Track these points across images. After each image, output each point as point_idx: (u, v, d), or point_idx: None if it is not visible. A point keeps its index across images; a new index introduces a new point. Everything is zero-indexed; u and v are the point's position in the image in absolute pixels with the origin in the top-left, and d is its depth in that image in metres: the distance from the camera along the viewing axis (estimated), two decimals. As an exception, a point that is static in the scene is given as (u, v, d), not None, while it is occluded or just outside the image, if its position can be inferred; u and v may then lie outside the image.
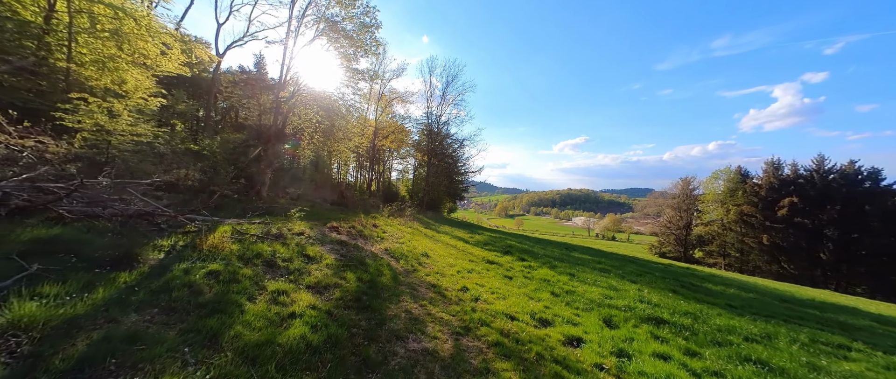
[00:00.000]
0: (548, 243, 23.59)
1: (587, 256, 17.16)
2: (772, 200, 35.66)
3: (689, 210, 48.90)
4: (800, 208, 33.28)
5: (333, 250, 7.01)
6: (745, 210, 37.33)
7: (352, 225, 11.65)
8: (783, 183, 35.80)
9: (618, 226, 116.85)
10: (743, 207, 37.68)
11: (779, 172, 36.81)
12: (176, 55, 14.22)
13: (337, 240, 8.36)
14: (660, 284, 10.41)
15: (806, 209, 33.06)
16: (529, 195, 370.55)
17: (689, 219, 48.22)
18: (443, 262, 9.28)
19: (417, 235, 14.96)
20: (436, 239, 15.20)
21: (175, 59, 14.15)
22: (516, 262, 11.31)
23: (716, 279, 13.95)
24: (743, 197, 38.53)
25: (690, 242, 48.32)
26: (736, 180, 41.09)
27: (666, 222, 50.41)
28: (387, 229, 13.67)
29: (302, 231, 7.86)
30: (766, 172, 38.09)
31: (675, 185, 52.08)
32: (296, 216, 8.77)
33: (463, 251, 12.40)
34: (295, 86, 18.70)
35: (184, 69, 14.96)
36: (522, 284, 7.81)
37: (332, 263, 5.85)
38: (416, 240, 12.59)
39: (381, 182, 45.26)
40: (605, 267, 12.93)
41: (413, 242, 11.69)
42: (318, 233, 8.67)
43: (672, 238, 50.39)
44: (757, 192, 37.71)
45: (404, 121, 40.42)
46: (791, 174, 36.56)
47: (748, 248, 37.60)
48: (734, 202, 39.23)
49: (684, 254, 47.65)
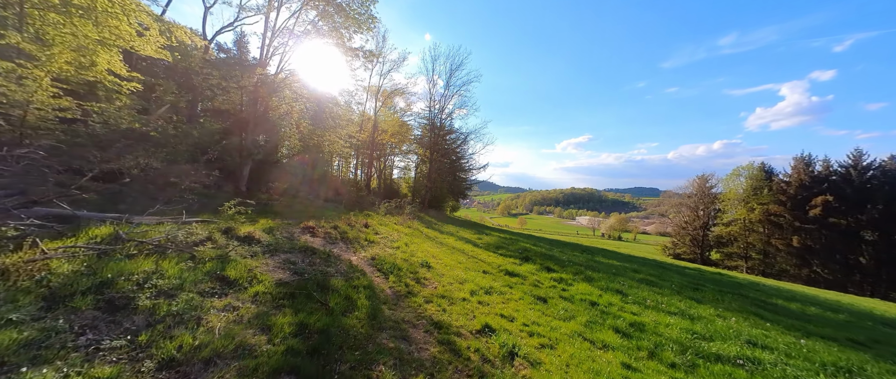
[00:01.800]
0: (563, 245, 21.13)
1: (614, 262, 14.70)
2: (802, 198, 32.88)
3: (706, 209, 46.16)
4: (834, 208, 30.52)
5: (286, 265, 4.64)
6: (771, 209, 34.59)
7: (334, 225, 9.27)
8: (815, 180, 32.99)
9: (624, 225, 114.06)
10: (769, 206, 34.93)
11: (810, 169, 34.01)
12: (154, 37, 11.76)
13: (304, 246, 5.98)
14: (733, 304, 7.97)
15: (842, 209, 30.29)
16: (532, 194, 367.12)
17: (706, 219, 45.48)
18: (450, 275, 6.88)
19: (417, 236, 12.58)
20: (439, 241, 12.82)
21: (153, 41, 11.67)
22: (541, 272, 8.90)
23: (783, 293, 11.44)
24: (769, 195, 35.77)
25: (708, 242, 45.62)
26: (760, 178, 38.31)
27: (681, 222, 47.69)
28: (380, 230, 11.29)
29: (250, 235, 5.49)
30: (795, 169, 35.27)
31: (690, 184, 49.32)
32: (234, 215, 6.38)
33: (473, 257, 10.01)
34: (279, 65, 16.39)
35: (164, 53, 12.53)
36: (565, 311, 5.40)
37: (266, 293, 3.47)
38: (415, 243, 10.22)
39: (382, 180, 42.92)
40: (647, 278, 10.48)
41: (411, 247, 9.32)
42: (281, 237, 6.31)
43: (688, 239, 47.69)
44: (784, 190, 34.92)
45: (405, 115, 38.01)
46: (823, 171, 33.75)
47: (774, 250, 34.87)
48: (759, 201, 36.49)
49: (700, 255, 44.98)
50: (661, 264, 17.70)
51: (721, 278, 15.11)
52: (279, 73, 16.24)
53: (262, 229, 6.47)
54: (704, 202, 45.52)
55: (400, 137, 40.03)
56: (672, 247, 49.66)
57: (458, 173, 45.12)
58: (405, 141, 42.02)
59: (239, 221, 5.81)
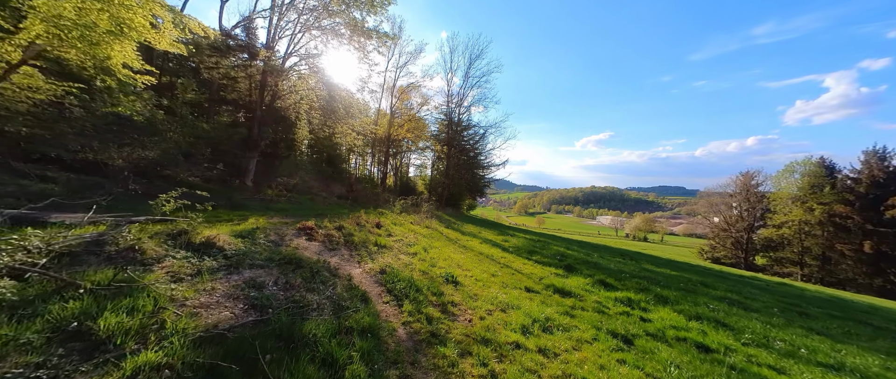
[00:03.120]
0: (596, 248, 18.80)
1: (667, 270, 12.37)
2: (875, 197, 28.59)
3: (751, 210, 41.83)
4: (917, 208, 26.21)
5: (243, 292, 2.98)
6: (835, 210, 30.40)
7: (339, 225, 7.67)
8: (892, 177, 28.58)
9: (650, 226, 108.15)
10: (832, 206, 30.74)
11: (885, 164, 29.52)
12: (168, 29, 10.62)
13: (288, 257, 4.35)
14: (883, 342, 5.69)
15: (927, 210, 25.95)
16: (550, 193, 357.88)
17: (751, 220, 41.19)
18: (485, 295, 5.08)
19: (436, 238, 10.84)
20: (461, 244, 11.02)
21: (167, 34, 10.51)
22: (597, 288, 6.92)
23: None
24: (831, 194, 31.50)
25: (753, 246, 41.34)
26: (819, 174, 33.91)
27: (721, 223, 43.54)
28: (394, 231, 9.64)
29: (210, 242, 3.91)
30: (865, 164, 30.78)
31: (732, 182, 44.95)
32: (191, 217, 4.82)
33: (506, 266, 8.14)
34: (287, 49, 15.11)
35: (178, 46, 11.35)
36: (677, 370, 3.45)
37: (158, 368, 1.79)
38: (435, 247, 8.49)
39: (398, 177, 41.66)
40: (727, 295, 8.25)
41: (431, 252, 7.59)
42: (263, 242, 4.74)
43: (729, 241, 43.47)
44: (852, 188, 30.60)
45: (422, 110, 36.37)
46: (902, 166, 29.20)
47: (838, 256, 30.67)
48: (819, 200, 32.26)
49: (744, 260, 40.81)
50: (722, 274, 15.13)
51: (803, 293, 12.45)
52: (288, 56, 14.96)
53: (238, 232, 4.92)
54: (749, 202, 41.22)
55: (416, 133, 38.54)
56: (710, 250, 45.55)
57: (476, 170, 43.19)
58: (421, 137, 40.52)
59: (196, 220, 4.24)
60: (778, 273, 35.33)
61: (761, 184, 41.77)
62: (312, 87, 16.17)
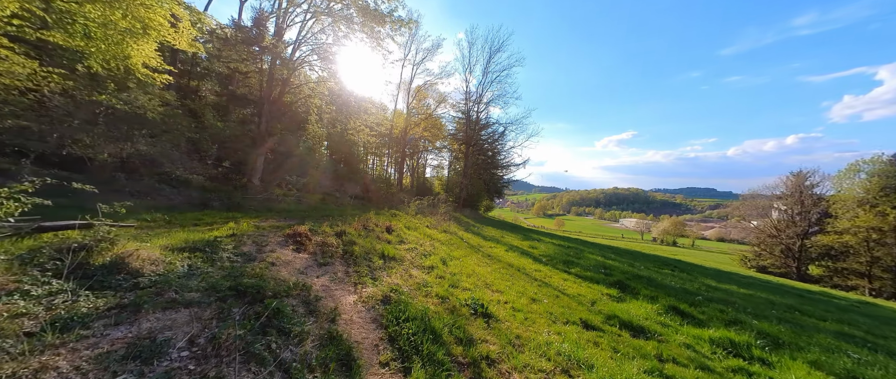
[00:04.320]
0: (632, 255, 16.63)
1: (736, 288, 10.22)
2: (968, 201, 24.34)
3: (805, 213, 37.46)
4: None
5: (122, 362, 1.63)
6: (915, 215, 26.26)
7: (341, 230, 6.33)
8: None
9: (680, 230, 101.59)
10: (911, 210, 26.59)
11: (980, 161, 25.11)
12: (187, 28, 10.11)
13: (246, 284, 2.98)
14: None
15: None
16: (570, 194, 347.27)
17: (806, 225, 36.84)
18: (532, 337, 3.51)
19: (456, 245, 9.33)
20: (486, 253, 9.43)
21: (186, 33, 10.00)
22: (673, 320, 5.17)
23: None
24: (909, 197, 27.31)
25: (807, 254, 36.96)
26: (892, 174, 29.61)
27: (769, 229, 39.32)
28: (407, 236, 8.22)
29: (119, 264, 2.59)
30: (954, 162, 26.41)
31: (781, 182, 40.58)
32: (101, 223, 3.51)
33: (545, 284, 6.49)
34: (297, 37, 14.13)
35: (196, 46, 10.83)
36: None
37: None
38: (455, 258, 6.98)
39: (414, 178, 40.60)
40: (845, 331, 6.21)
41: (451, 266, 6.10)
42: (236, 254, 3.43)
43: (777, 249, 39.18)
44: (936, 190, 26.32)
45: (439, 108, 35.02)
46: None
47: (918, 269, 26.46)
48: (893, 204, 28.08)
49: (797, 270, 36.53)
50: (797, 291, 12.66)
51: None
52: (297, 45, 13.97)
53: (191, 244, 3.61)
54: (803, 205, 36.91)
55: (433, 132, 37.34)
56: (754, 258, 41.31)
57: (494, 170, 41.40)
58: (438, 137, 39.29)
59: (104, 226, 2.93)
60: (839, 286, 31.21)
61: (817, 185, 37.34)
62: (324, 79, 15.15)
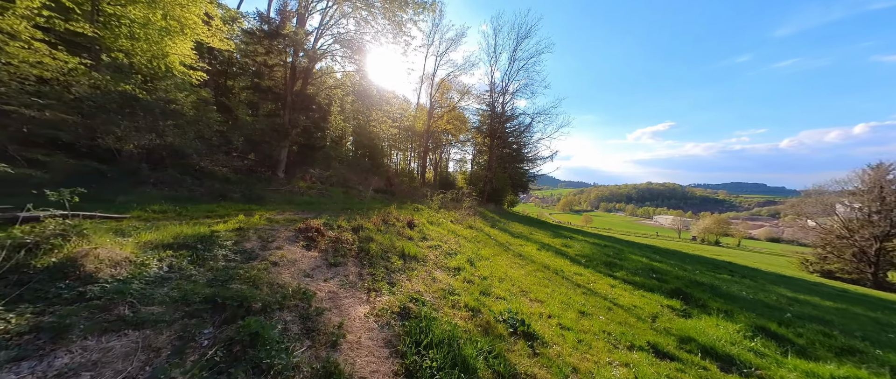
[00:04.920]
0: (678, 256, 14.90)
1: (819, 300, 8.55)
2: None
3: (886, 212, 32.59)
4: None
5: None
6: None
7: (358, 225, 5.75)
8: None
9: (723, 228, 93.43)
10: None
11: None
12: (218, 26, 10.48)
13: (232, 293, 2.40)
14: None
15: None
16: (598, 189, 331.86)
17: (887, 226, 32.08)
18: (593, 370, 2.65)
19: (484, 242, 8.51)
20: (516, 252, 8.53)
21: (218, 31, 10.35)
22: (771, 349, 4.04)
23: None
24: None
25: (887, 259, 32.23)
26: None
27: (840, 228, 34.67)
28: (430, 232, 7.54)
29: (76, 264, 2.07)
30: None
31: (856, 176, 35.51)
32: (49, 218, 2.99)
33: (590, 291, 5.53)
34: (319, 26, 13.82)
35: (228, 43, 11.17)
36: None
37: None
38: (484, 257, 6.19)
39: (437, 172, 40.09)
40: None
41: (480, 267, 5.32)
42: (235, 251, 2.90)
43: (848, 252, 34.50)
44: None
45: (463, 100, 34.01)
46: None
47: None
48: None
49: (873, 276, 31.95)
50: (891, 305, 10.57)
51: None
52: (319, 34, 13.66)
53: (181, 239, 3.11)
54: (884, 202, 32.05)
55: (456, 125, 36.51)
56: (818, 261, 36.69)
57: (519, 164, 39.85)
58: (462, 130, 38.41)
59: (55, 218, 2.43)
60: (928, 297, 26.80)
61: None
62: (348, 74, 14.79)
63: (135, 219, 4.08)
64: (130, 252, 2.41)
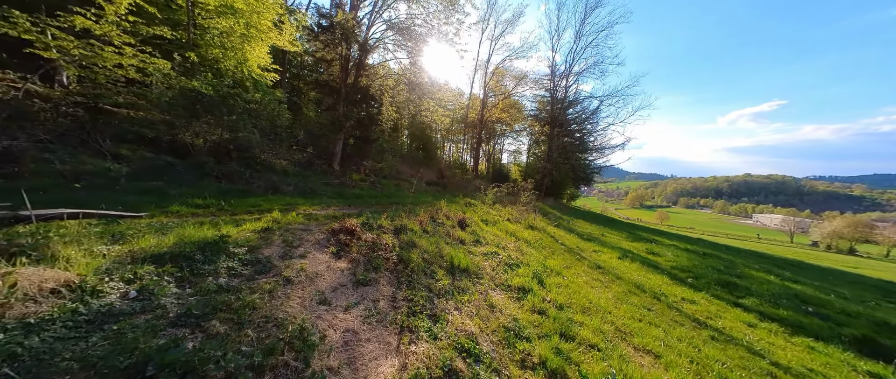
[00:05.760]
0: (820, 273, 11.12)
1: None
2: None
3: None
4: None
5: None
6: None
7: (401, 225, 4.93)
8: None
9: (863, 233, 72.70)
10: None
11: None
12: (289, 29, 11.34)
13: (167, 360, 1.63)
14: None
15: None
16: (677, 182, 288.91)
17: None
18: None
19: (550, 246, 7.06)
20: (591, 260, 6.89)
21: (288, 34, 11.22)
22: None
23: None
24: None
25: None
26: None
27: None
28: (485, 233, 6.42)
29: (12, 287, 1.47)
30: None
31: None
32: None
33: (724, 337, 3.81)
34: (371, 14, 13.49)
35: (296, 44, 12.01)
36: None
37: None
38: (554, 269, 4.84)
39: (490, 164, 38.50)
40: None
41: (550, 286, 4.05)
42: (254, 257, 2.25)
43: None
44: None
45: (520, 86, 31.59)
46: None
47: None
48: None
49: None
50: None
51: None
52: (371, 23, 13.34)
53: (185, 245, 2.54)
54: None
55: (511, 113, 34.28)
56: None
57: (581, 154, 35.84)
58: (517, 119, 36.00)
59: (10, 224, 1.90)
60: None
61: None
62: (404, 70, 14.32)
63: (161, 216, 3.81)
64: (80, 274, 1.84)
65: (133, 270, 2.03)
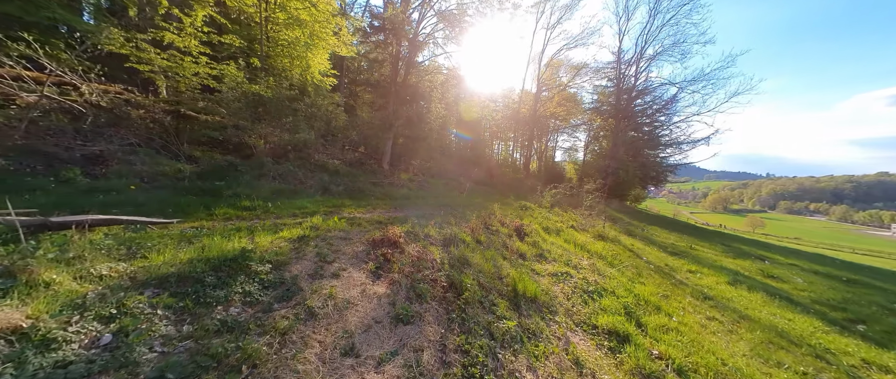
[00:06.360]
0: None
1: None
2: None
3: None
4: None
5: None
6: None
7: (450, 236, 4.21)
8: None
9: None
10: None
11: None
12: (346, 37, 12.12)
13: None
14: None
15: None
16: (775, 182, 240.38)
17: None
18: None
19: (631, 262, 5.67)
20: (691, 284, 5.33)
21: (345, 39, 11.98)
22: None
23: None
24: None
25: None
26: None
27: None
28: (549, 244, 5.38)
29: None
30: None
31: None
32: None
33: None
34: (422, 6, 13.09)
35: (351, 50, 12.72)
36: None
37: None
38: (650, 301, 3.63)
39: (542, 162, 36.09)
40: None
41: (652, 328, 2.93)
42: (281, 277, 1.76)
43: None
44: None
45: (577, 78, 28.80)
46: None
47: None
48: None
49: None
50: None
51: None
52: (423, 13, 12.93)
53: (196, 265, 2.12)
54: None
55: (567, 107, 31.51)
56: None
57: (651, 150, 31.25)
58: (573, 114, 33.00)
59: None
60: None
61: None
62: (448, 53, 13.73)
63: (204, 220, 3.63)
64: (31, 316, 1.43)
65: (120, 302, 1.61)
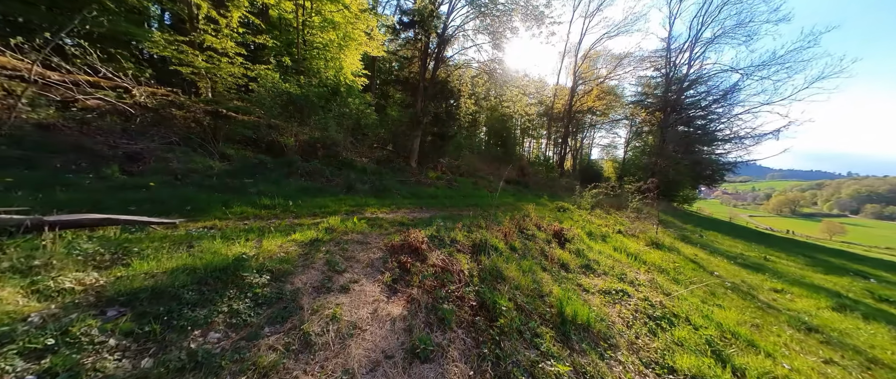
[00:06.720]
0: None
1: None
2: None
3: None
4: None
5: None
6: None
7: (480, 241, 3.65)
8: None
9: None
10: None
11: None
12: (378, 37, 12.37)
13: None
14: None
15: None
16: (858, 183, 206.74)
17: None
18: None
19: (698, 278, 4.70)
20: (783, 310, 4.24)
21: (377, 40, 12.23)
22: None
23: None
24: None
25: None
26: None
27: None
28: (594, 251, 4.62)
29: None
30: None
31: None
32: None
33: None
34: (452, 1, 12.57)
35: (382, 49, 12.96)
36: None
37: None
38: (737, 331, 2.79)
39: (577, 160, 34.03)
40: None
41: None
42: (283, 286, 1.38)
43: None
44: None
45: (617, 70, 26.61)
46: None
47: None
48: None
49: None
50: None
51: None
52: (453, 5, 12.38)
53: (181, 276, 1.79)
54: None
55: (607, 101, 29.34)
56: None
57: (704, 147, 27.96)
58: (613, 108, 30.66)
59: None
60: None
61: None
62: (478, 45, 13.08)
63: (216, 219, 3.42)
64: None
65: (64, 329, 1.28)
